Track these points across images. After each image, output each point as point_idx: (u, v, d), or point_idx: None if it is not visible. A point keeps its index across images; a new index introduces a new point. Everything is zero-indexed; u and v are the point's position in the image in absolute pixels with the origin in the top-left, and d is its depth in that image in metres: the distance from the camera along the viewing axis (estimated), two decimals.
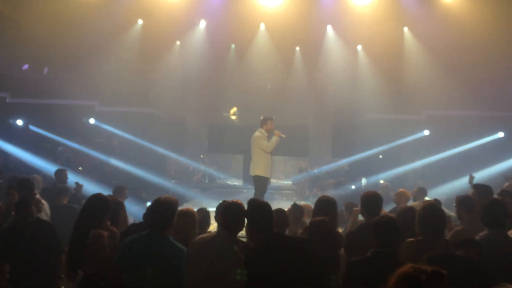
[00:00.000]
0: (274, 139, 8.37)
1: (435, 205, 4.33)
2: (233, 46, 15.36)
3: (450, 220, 5.19)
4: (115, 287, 3.49)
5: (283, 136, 8.42)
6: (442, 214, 4.24)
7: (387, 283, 2.08)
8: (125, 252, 3.50)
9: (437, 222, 4.06)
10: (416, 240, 4.02)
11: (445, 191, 9.94)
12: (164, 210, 3.48)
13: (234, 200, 3.64)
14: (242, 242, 4.27)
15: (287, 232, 4.51)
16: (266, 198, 11.29)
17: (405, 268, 2.05)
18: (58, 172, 8.20)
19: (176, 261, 3.40)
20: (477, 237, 4.18)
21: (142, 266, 3.36)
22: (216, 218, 4.31)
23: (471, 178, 7.92)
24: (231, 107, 14.33)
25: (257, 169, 8.54)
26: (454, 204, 5.73)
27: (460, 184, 8.39)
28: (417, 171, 12.47)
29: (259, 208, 3.47)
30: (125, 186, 7.33)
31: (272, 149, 8.42)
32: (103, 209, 4.04)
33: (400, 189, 7.34)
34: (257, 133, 8.56)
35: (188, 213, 4.01)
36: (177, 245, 3.46)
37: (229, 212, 3.51)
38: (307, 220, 6.18)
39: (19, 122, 13.00)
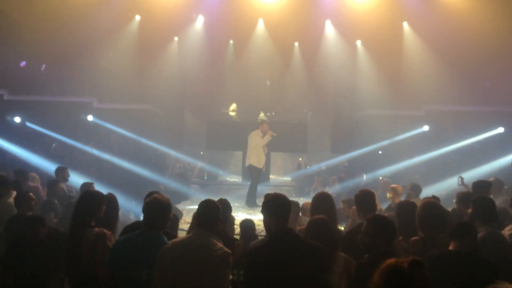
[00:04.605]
0: (267, 136, 10.11)
1: (435, 202, 4.29)
2: (231, 42, 15.26)
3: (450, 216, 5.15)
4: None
5: (275, 135, 10.19)
6: (443, 211, 4.20)
7: (372, 281, 2.15)
8: (117, 252, 3.39)
9: (439, 220, 4.02)
10: (419, 238, 3.99)
11: (445, 187, 9.92)
12: (163, 210, 3.40)
13: (209, 198, 3.52)
14: (229, 238, 4.16)
15: None
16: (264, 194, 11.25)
17: (387, 262, 2.15)
18: (59, 170, 7.96)
19: None
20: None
21: (134, 267, 3.27)
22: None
23: (461, 179, 7.94)
24: (230, 104, 14.25)
25: (251, 159, 10.12)
26: (454, 201, 5.70)
27: None
28: (416, 167, 12.42)
29: (273, 200, 3.41)
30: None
31: (264, 144, 10.11)
32: (94, 207, 3.98)
33: (391, 185, 7.33)
34: (254, 132, 10.32)
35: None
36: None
37: (204, 210, 3.37)
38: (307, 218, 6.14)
39: (17, 119, 12.95)
